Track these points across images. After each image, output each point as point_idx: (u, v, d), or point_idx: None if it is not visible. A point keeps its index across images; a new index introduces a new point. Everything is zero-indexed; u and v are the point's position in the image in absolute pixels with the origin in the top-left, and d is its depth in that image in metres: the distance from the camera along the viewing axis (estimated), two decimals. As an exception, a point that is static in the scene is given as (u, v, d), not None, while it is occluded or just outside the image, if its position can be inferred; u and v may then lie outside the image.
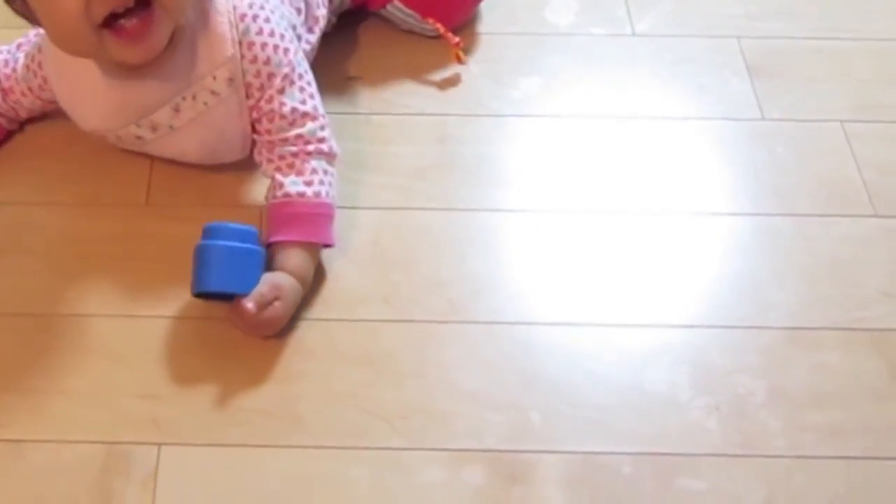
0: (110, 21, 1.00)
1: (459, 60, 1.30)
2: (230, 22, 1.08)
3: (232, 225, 1.04)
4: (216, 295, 1.03)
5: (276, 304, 1.03)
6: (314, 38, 1.22)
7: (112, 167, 1.19)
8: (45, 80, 1.15)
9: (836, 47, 1.36)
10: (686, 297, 1.12)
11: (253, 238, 1.04)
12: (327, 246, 1.10)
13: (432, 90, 1.30)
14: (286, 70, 1.10)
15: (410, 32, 1.35)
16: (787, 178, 1.22)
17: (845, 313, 1.10)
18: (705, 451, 1.00)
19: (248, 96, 1.10)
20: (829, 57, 1.35)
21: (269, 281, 1.04)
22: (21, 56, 1.18)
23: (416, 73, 1.32)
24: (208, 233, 1.04)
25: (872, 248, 1.15)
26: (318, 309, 1.09)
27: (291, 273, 1.05)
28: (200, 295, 1.04)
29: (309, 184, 1.08)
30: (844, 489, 0.97)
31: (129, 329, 1.07)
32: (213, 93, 1.09)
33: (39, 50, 1.14)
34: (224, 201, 1.17)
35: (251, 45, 1.08)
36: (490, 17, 1.38)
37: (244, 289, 1.02)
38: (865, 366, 1.06)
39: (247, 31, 1.08)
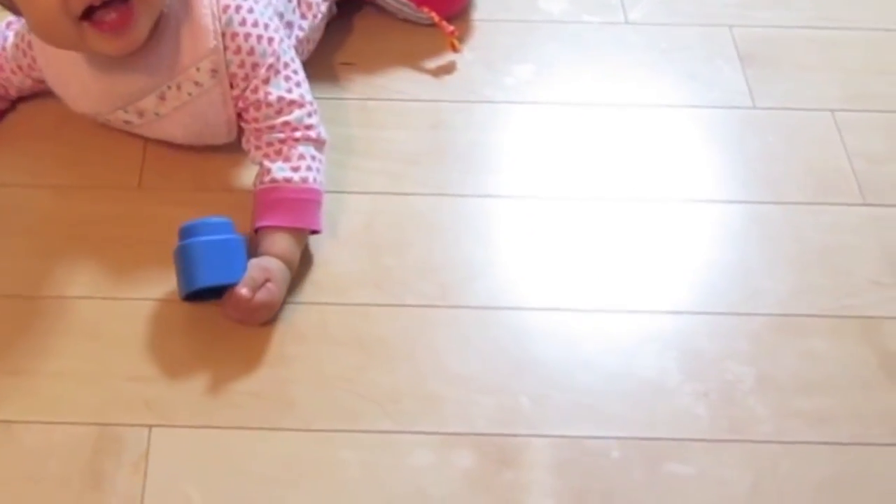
0: (89, 14, 1.01)
1: (454, 49, 1.31)
2: (213, 14, 1.08)
3: (204, 220, 1.04)
4: (205, 293, 1.03)
5: (269, 285, 1.04)
6: (307, 23, 1.22)
7: (105, 150, 1.19)
8: (34, 59, 1.16)
9: (828, 37, 1.36)
10: (676, 283, 1.12)
11: (228, 228, 1.04)
12: (314, 232, 1.11)
13: (426, 77, 1.31)
14: (271, 60, 1.10)
15: (406, 21, 1.35)
16: (777, 167, 1.22)
17: (834, 301, 1.10)
18: (693, 437, 1.00)
19: (233, 87, 1.10)
20: (820, 46, 1.35)
21: (256, 265, 1.04)
22: (10, 34, 1.18)
23: (411, 59, 1.32)
24: (184, 233, 1.04)
25: (862, 237, 1.16)
26: (309, 293, 1.09)
27: (277, 257, 1.06)
28: (190, 297, 1.04)
29: (296, 169, 1.09)
30: (831, 475, 0.98)
31: (120, 311, 1.07)
32: (196, 83, 1.10)
33: (29, 30, 1.14)
34: (217, 185, 1.17)
35: (234, 35, 1.09)
36: (484, 4, 1.38)
37: (234, 278, 1.02)
38: (853, 353, 1.06)
39: (230, 22, 1.08)
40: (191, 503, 0.95)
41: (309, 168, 1.09)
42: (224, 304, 1.04)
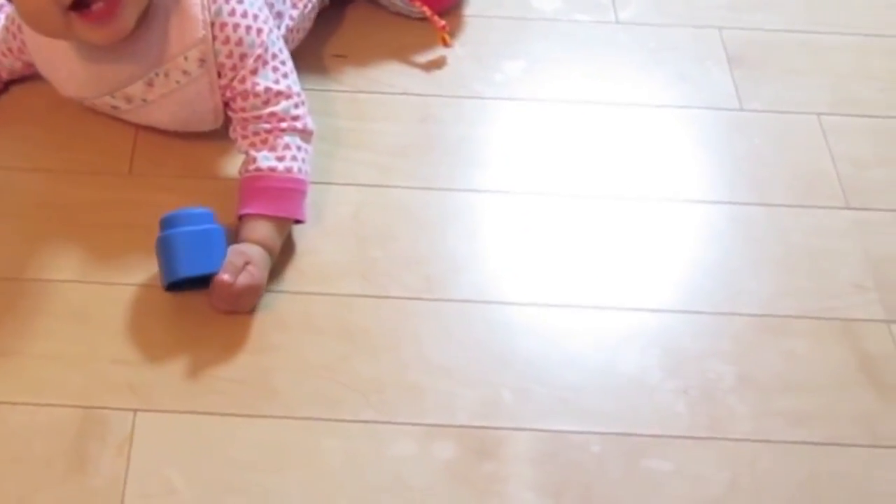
0: (77, 4, 1.02)
1: (445, 43, 1.31)
2: (202, 3, 1.09)
3: (186, 211, 1.04)
4: (189, 282, 1.04)
5: (250, 267, 1.04)
6: (297, 13, 1.22)
7: (97, 136, 1.19)
8: (24, 42, 1.16)
9: (817, 41, 1.37)
10: (661, 282, 1.13)
11: (209, 219, 1.05)
12: (298, 221, 1.11)
13: (417, 71, 1.31)
14: (259, 51, 1.10)
15: (398, 14, 1.35)
16: (763, 169, 1.23)
17: (816, 303, 1.11)
18: (673, 433, 1.01)
19: (220, 76, 1.11)
20: (809, 50, 1.36)
21: (235, 250, 1.05)
22: (1, 17, 1.19)
23: (402, 53, 1.33)
24: (165, 224, 1.04)
25: (845, 241, 1.17)
26: (293, 282, 1.09)
27: (256, 243, 1.06)
28: (172, 286, 1.05)
29: (281, 159, 1.09)
30: (807, 474, 0.99)
31: (107, 296, 1.07)
32: (184, 72, 1.10)
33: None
34: (207, 172, 1.18)
35: (223, 26, 1.09)
36: (476, 1, 1.39)
37: (214, 268, 1.03)
38: (833, 355, 1.07)
39: (219, 12, 1.09)
40: (173, 487, 0.95)
41: (294, 158, 1.10)
42: (210, 294, 1.05)
